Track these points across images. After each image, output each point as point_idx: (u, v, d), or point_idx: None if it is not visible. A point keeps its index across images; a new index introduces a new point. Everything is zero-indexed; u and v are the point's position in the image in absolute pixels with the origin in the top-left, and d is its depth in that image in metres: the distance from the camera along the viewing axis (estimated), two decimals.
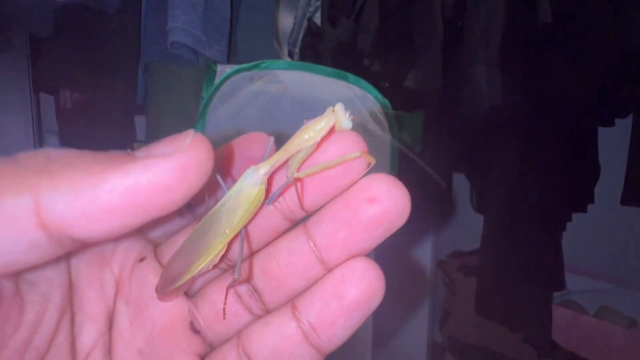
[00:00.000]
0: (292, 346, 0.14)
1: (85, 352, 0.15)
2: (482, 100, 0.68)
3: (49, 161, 0.11)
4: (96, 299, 0.15)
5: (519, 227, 0.75)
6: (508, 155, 0.75)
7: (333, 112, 0.16)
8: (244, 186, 0.16)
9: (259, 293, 0.16)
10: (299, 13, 0.80)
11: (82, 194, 0.10)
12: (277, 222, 0.17)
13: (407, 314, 1.13)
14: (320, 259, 0.15)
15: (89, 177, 0.10)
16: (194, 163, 0.11)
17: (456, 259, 1.04)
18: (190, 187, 0.11)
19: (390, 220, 0.14)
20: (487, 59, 0.68)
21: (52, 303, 0.13)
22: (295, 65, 0.58)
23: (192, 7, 0.60)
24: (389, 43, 0.76)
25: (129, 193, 0.10)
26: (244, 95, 0.57)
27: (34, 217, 0.10)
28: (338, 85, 0.59)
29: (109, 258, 0.16)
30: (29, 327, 0.12)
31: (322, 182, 0.15)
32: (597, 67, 0.66)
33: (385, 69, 0.77)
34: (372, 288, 0.14)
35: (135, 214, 0.11)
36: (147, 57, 0.66)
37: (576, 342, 0.87)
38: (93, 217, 0.10)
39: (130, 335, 0.15)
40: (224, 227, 0.16)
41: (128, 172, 0.11)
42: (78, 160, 0.11)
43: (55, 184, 0.10)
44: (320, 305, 0.14)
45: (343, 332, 0.14)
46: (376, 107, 0.60)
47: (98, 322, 0.15)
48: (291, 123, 0.59)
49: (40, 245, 0.10)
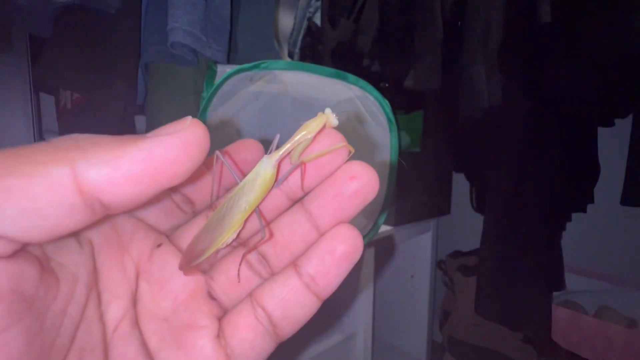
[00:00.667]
0: (297, 295, 0.18)
1: (114, 325, 0.17)
2: (482, 100, 0.68)
3: (78, 141, 0.13)
4: (119, 281, 0.18)
5: (519, 227, 0.75)
6: (508, 155, 0.75)
7: (324, 114, 0.20)
8: (260, 171, 0.20)
9: (267, 259, 0.20)
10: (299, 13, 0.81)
11: (109, 164, 0.12)
12: (281, 202, 0.21)
13: (407, 314, 1.13)
14: (316, 226, 0.19)
15: (113, 151, 0.13)
16: (193, 139, 0.14)
17: (456, 259, 1.04)
18: (192, 160, 0.14)
19: (366, 192, 0.18)
20: (486, 59, 0.68)
21: (80, 281, 0.16)
22: (295, 66, 0.58)
23: (193, 8, 0.60)
24: (388, 43, 0.76)
25: (144, 163, 0.13)
26: (244, 95, 0.57)
27: (72, 183, 0.12)
28: (338, 86, 0.59)
29: (128, 246, 0.18)
30: (64, 297, 0.15)
31: (317, 168, 0.20)
32: (597, 67, 0.66)
33: (385, 69, 0.77)
34: (355, 244, 0.18)
35: (149, 182, 0.13)
36: (147, 57, 0.66)
37: (576, 342, 0.87)
38: (117, 182, 0.13)
39: (155, 307, 0.18)
40: (244, 205, 0.19)
41: (143, 146, 0.13)
42: (101, 139, 0.13)
43: (86, 156, 0.12)
44: (317, 260, 0.18)
45: (335, 279, 0.18)
46: (376, 107, 0.60)
47: (123, 299, 0.17)
48: (291, 123, 0.60)
49: (77, 209, 0.12)
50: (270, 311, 0.18)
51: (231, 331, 0.18)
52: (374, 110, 0.60)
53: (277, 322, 0.18)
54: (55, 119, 0.91)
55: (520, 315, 0.76)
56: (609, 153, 0.83)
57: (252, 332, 0.18)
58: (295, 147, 0.20)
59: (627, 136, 0.74)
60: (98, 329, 0.16)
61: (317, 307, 0.18)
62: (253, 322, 0.18)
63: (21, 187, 0.11)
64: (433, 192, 0.98)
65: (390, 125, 0.61)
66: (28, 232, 0.12)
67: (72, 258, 0.16)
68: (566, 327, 0.88)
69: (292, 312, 0.18)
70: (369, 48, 0.76)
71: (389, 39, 0.76)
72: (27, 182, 0.12)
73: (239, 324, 0.18)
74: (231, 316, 0.18)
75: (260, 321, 0.18)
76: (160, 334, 0.18)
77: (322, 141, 0.20)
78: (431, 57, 0.71)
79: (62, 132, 0.90)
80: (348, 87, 0.59)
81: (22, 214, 0.12)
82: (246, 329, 0.18)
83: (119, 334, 0.17)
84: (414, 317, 1.11)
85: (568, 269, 0.83)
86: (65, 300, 0.15)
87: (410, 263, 1.12)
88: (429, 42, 0.71)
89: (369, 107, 0.60)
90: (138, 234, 0.19)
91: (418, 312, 1.10)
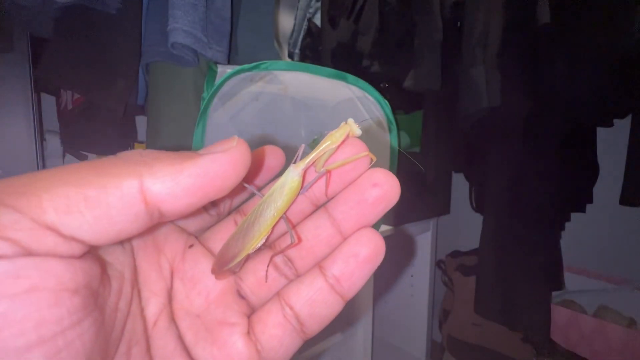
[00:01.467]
0: (323, 295, 0.19)
1: (153, 320, 0.18)
2: (481, 100, 0.68)
3: (144, 156, 0.14)
4: (157, 279, 0.19)
5: (518, 227, 0.76)
6: (507, 155, 0.75)
7: (347, 124, 0.21)
8: (287, 179, 0.21)
9: (292, 261, 0.21)
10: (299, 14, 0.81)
11: (171, 178, 0.14)
12: (306, 207, 0.22)
13: (407, 313, 1.13)
14: (339, 230, 0.20)
15: (174, 166, 0.14)
16: (240, 157, 0.15)
17: (455, 259, 1.04)
18: (237, 175, 0.15)
19: (388, 198, 0.19)
20: (486, 60, 0.68)
21: (126, 279, 0.17)
22: (295, 66, 0.58)
23: (193, 8, 0.60)
24: (388, 44, 0.76)
25: (200, 177, 0.14)
26: (244, 95, 0.57)
27: (139, 194, 0.14)
28: (338, 86, 0.59)
29: (163, 247, 0.20)
30: (116, 293, 0.16)
31: (340, 175, 0.21)
32: (596, 68, 0.66)
33: (384, 69, 0.77)
34: (377, 248, 0.19)
35: (201, 194, 0.15)
36: (148, 58, 0.66)
37: (575, 341, 0.87)
38: (176, 195, 0.14)
39: (189, 304, 0.19)
40: (273, 212, 0.21)
41: (200, 163, 0.15)
42: (163, 155, 0.15)
43: (151, 171, 0.14)
44: (341, 262, 0.19)
45: (359, 281, 0.19)
46: (376, 107, 0.61)
47: (160, 296, 0.19)
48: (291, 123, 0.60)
49: (140, 217, 0.14)
50: (297, 310, 0.19)
51: (261, 328, 0.19)
52: (374, 111, 0.61)
53: (304, 321, 0.19)
54: (56, 119, 0.91)
55: (519, 315, 0.76)
56: (608, 153, 0.83)
57: (280, 330, 0.19)
58: (320, 156, 0.21)
59: (626, 136, 0.74)
60: (140, 324, 0.18)
61: (341, 307, 0.19)
62: (282, 320, 0.19)
63: (98, 196, 0.13)
64: (433, 192, 0.98)
65: (390, 125, 0.61)
66: (99, 236, 0.13)
67: (118, 257, 0.17)
68: (565, 327, 0.88)
69: (319, 311, 0.19)
70: (369, 48, 0.76)
71: (389, 40, 0.76)
72: (103, 193, 0.13)
73: (269, 321, 0.19)
74: (261, 314, 0.19)
75: (289, 319, 0.19)
76: (195, 329, 0.19)
77: (346, 150, 0.21)
78: (431, 58, 0.71)
79: (63, 132, 0.90)
80: (348, 87, 0.60)
81: (97, 220, 0.13)
82: (275, 326, 0.19)
83: (158, 329, 0.18)
84: (413, 317, 1.11)
85: (567, 268, 0.83)
86: (116, 295, 0.16)
87: (409, 263, 1.12)
88: (428, 43, 0.71)
89: (368, 108, 0.60)
90: (171, 235, 0.20)
91: (417, 311, 1.11)
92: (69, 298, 0.13)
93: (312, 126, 0.59)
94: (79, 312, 0.13)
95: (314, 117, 0.59)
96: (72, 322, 0.13)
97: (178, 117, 0.65)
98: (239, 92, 0.57)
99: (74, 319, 0.13)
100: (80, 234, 0.13)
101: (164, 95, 0.66)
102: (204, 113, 0.56)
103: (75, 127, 0.85)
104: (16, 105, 0.77)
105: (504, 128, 0.75)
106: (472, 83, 0.69)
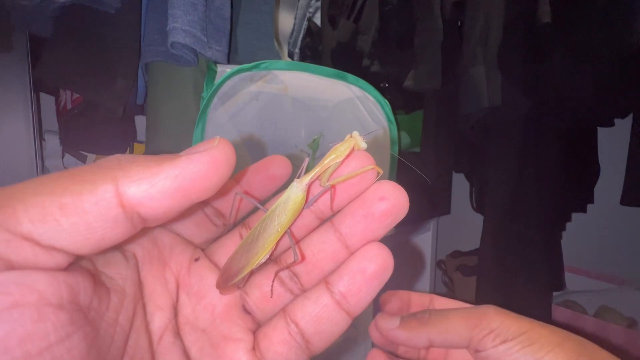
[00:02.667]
0: (329, 312, 0.18)
1: (158, 334, 0.18)
2: (482, 100, 0.68)
3: (120, 161, 0.14)
4: (162, 292, 0.19)
5: (518, 227, 0.75)
6: (507, 155, 0.75)
7: (352, 137, 0.21)
8: (291, 194, 0.21)
9: (298, 277, 0.21)
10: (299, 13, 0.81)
11: (147, 181, 0.14)
12: (311, 221, 0.22)
13: None
14: (345, 245, 0.20)
15: (150, 169, 0.14)
16: (222, 157, 0.15)
17: (456, 259, 1.04)
18: (220, 176, 0.15)
19: (395, 212, 0.19)
20: (486, 59, 0.68)
21: (128, 293, 0.17)
22: (295, 66, 0.58)
23: (193, 8, 0.60)
24: (388, 43, 0.76)
25: (177, 179, 0.14)
26: (244, 95, 0.57)
27: (115, 198, 0.13)
28: (338, 86, 0.59)
29: (168, 260, 0.20)
30: (115, 308, 0.16)
31: (346, 189, 0.20)
32: (597, 67, 0.66)
33: (384, 69, 0.76)
34: (385, 263, 0.18)
35: (182, 196, 0.14)
36: (147, 57, 0.66)
37: None
38: (154, 197, 0.14)
39: (194, 319, 0.19)
40: (276, 227, 0.20)
41: (177, 164, 0.14)
42: (140, 158, 0.15)
43: (127, 174, 0.14)
44: (348, 279, 0.18)
45: (366, 297, 0.18)
46: (376, 107, 0.60)
47: (166, 311, 0.18)
48: (291, 123, 0.60)
49: (119, 222, 0.14)
50: (302, 327, 0.18)
51: (266, 345, 0.19)
52: (374, 110, 0.60)
53: (310, 338, 0.18)
54: (56, 119, 0.91)
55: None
56: (608, 153, 0.83)
57: (286, 347, 0.18)
58: (324, 170, 0.20)
59: (627, 136, 0.74)
60: (145, 338, 0.17)
61: (348, 323, 0.19)
62: (287, 337, 0.18)
63: (73, 203, 0.13)
64: (433, 192, 0.98)
65: (390, 126, 0.61)
66: (79, 244, 0.13)
67: (120, 271, 0.17)
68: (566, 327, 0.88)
69: (324, 328, 0.18)
70: (369, 48, 0.76)
71: (389, 39, 0.76)
72: (78, 199, 0.13)
73: (274, 338, 0.19)
74: (266, 330, 0.19)
75: (294, 336, 0.18)
76: (200, 344, 0.19)
77: (351, 163, 0.20)
78: (431, 58, 0.71)
79: (62, 132, 0.90)
80: (348, 87, 0.59)
81: (74, 227, 0.13)
82: (280, 343, 0.18)
83: (164, 344, 0.18)
84: None
85: (567, 268, 0.83)
86: (116, 310, 0.16)
87: (410, 263, 1.12)
88: (429, 43, 0.71)
89: (369, 107, 0.60)
90: (177, 248, 0.20)
91: None
92: (54, 313, 0.13)
93: (312, 126, 0.59)
94: (67, 327, 0.13)
95: (314, 117, 0.58)
96: (59, 337, 0.12)
97: (177, 117, 0.65)
98: (239, 91, 0.56)
99: (62, 334, 0.13)
100: (59, 243, 0.13)
101: (163, 94, 0.66)
102: (203, 113, 0.56)
103: (75, 127, 0.85)
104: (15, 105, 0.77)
105: (504, 128, 0.74)
106: (472, 83, 0.69)
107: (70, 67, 0.65)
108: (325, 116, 0.58)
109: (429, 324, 0.23)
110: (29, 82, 0.77)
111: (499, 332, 0.21)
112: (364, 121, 0.60)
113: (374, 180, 0.20)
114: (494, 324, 0.21)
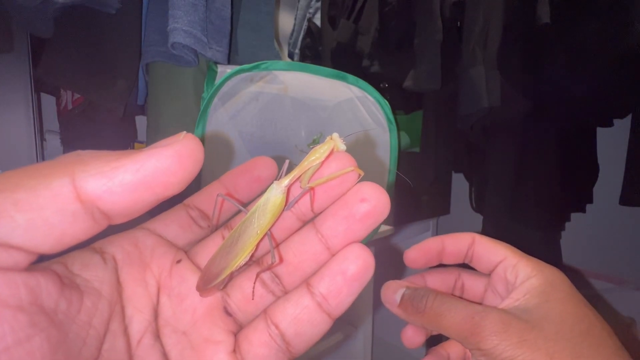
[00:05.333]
0: (309, 313, 0.18)
1: (137, 337, 0.18)
2: (481, 100, 0.68)
3: (80, 156, 0.14)
4: (142, 295, 0.19)
5: (518, 227, 0.76)
6: (507, 155, 0.75)
7: (332, 139, 0.21)
8: (270, 196, 0.21)
9: (279, 278, 0.20)
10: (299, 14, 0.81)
11: (105, 174, 0.13)
12: (292, 223, 0.22)
13: None
14: (327, 246, 0.20)
15: (110, 163, 0.14)
16: (186, 151, 0.15)
17: None
18: (185, 171, 0.15)
19: (377, 214, 0.19)
20: (486, 60, 0.68)
21: (104, 296, 0.17)
22: (295, 66, 0.59)
23: (193, 8, 0.60)
24: (388, 44, 0.76)
25: (137, 173, 0.14)
26: (244, 95, 0.57)
27: (72, 192, 0.13)
28: (338, 86, 0.59)
29: (149, 262, 0.20)
30: (88, 311, 0.16)
31: (327, 190, 0.20)
32: (596, 68, 0.66)
33: (384, 69, 0.77)
34: (366, 264, 0.18)
35: (144, 191, 0.14)
36: (148, 58, 0.66)
37: None
38: (114, 191, 0.13)
39: (175, 321, 0.19)
40: (256, 229, 0.20)
41: (137, 158, 0.14)
42: (102, 154, 0.14)
43: (85, 168, 0.13)
44: (329, 280, 0.18)
45: (347, 299, 0.18)
46: (376, 107, 0.61)
47: (145, 313, 0.18)
48: (291, 123, 0.60)
49: (79, 218, 0.13)
50: (283, 329, 0.18)
51: (247, 347, 0.18)
52: (374, 111, 0.61)
53: (290, 340, 0.18)
54: (56, 119, 0.91)
55: None
56: (607, 153, 0.83)
57: (266, 349, 0.18)
58: (304, 172, 0.20)
59: (626, 136, 0.74)
60: (123, 341, 0.17)
61: (329, 325, 0.19)
62: (267, 339, 0.18)
63: (28, 199, 0.12)
64: (433, 192, 0.98)
65: (390, 126, 0.61)
66: (38, 241, 0.13)
67: (97, 274, 0.17)
68: None
69: (305, 330, 0.18)
70: (368, 48, 0.76)
71: (389, 40, 0.76)
72: (32, 194, 0.13)
73: (254, 340, 0.18)
74: (247, 332, 0.19)
75: (274, 339, 0.18)
76: (180, 347, 0.18)
77: (332, 165, 0.20)
78: (431, 58, 0.71)
79: (63, 133, 0.90)
80: (348, 87, 0.60)
81: (30, 224, 0.12)
82: (261, 345, 0.18)
83: (143, 347, 0.18)
84: None
85: (567, 269, 0.83)
86: (89, 313, 0.16)
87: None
88: (428, 43, 0.71)
89: (368, 108, 0.60)
90: (158, 249, 0.20)
91: None
92: (12, 315, 0.12)
93: (312, 126, 0.59)
94: (26, 329, 0.12)
95: (314, 117, 0.59)
96: (17, 339, 0.12)
97: (178, 117, 0.65)
98: (239, 92, 0.57)
99: (20, 336, 0.12)
100: (15, 240, 0.12)
101: (164, 95, 0.66)
102: (204, 113, 0.56)
103: (75, 127, 0.85)
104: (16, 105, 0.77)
105: (504, 128, 0.75)
106: (472, 83, 0.69)
107: (71, 67, 0.65)
108: (325, 116, 0.59)
109: (424, 315, 0.24)
110: (30, 82, 0.77)
111: (489, 354, 0.21)
112: (363, 121, 0.60)
113: (355, 182, 0.20)
114: (484, 344, 0.21)
